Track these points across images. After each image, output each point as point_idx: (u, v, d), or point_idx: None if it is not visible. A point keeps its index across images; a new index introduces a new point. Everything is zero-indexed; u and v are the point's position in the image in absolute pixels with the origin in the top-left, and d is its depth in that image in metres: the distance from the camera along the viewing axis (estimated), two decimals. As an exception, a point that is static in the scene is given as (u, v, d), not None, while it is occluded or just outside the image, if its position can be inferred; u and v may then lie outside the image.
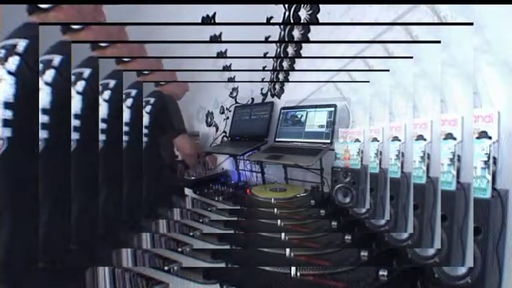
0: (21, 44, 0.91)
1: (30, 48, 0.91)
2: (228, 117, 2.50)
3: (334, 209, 1.31)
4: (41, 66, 0.95)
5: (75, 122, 1.05)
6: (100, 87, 1.19)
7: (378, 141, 1.19)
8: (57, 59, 0.98)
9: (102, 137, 1.17)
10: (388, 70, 1.15)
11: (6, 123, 0.86)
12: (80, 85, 1.09)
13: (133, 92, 1.45)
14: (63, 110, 0.97)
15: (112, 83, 1.28)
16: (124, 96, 1.38)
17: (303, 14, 1.69)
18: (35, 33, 0.93)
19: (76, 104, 1.06)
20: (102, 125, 1.18)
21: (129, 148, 1.36)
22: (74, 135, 1.05)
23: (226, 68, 2.31)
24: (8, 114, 0.86)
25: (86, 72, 1.11)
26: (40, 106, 0.92)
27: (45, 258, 0.87)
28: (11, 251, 0.83)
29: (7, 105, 0.87)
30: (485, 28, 0.87)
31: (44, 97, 0.95)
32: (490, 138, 0.81)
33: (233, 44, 2.12)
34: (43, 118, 0.93)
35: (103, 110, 1.22)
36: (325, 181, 1.56)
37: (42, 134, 0.93)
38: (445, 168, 0.89)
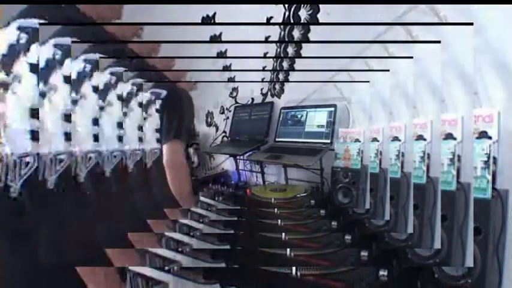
0: None
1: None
2: (228, 117, 2.50)
3: (334, 209, 1.31)
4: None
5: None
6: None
7: (378, 141, 1.19)
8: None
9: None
10: (388, 70, 1.15)
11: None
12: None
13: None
14: None
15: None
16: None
17: (303, 14, 1.69)
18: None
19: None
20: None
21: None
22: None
23: (226, 68, 2.31)
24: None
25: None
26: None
27: None
28: None
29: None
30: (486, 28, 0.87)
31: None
32: (490, 138, 0.80)
33: (233, 44, 2.12)
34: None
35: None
36: (325, 181, 1.56)
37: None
38: (445, 168, 0.89)
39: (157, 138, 1.25)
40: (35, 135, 0.83)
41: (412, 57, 1.04)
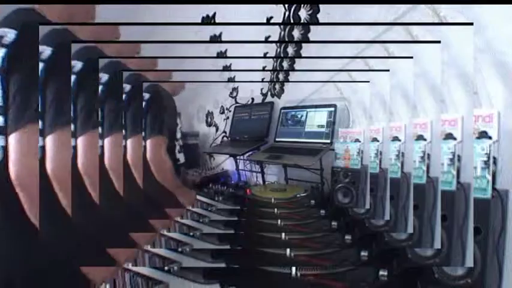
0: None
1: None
2: (228, 117, 2.50)
3: (334, 209, 1.31)
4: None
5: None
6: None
7: (378, 141, 1.19)
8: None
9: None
10: (388, 70, 1.15)
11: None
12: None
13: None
14: None
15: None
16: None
17: (303, 14, 1.69)
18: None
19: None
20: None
21: None
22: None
23: (226, 68, 2.31)
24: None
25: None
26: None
27: None
28: None
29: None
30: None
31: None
32: (490, 138, 0.80)
33: (233, 44, 2.12)
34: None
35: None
36: (325, 181, 1.56)
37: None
38: (445, 168, 0.89)
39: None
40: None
41: (412, 57, 1.04)
